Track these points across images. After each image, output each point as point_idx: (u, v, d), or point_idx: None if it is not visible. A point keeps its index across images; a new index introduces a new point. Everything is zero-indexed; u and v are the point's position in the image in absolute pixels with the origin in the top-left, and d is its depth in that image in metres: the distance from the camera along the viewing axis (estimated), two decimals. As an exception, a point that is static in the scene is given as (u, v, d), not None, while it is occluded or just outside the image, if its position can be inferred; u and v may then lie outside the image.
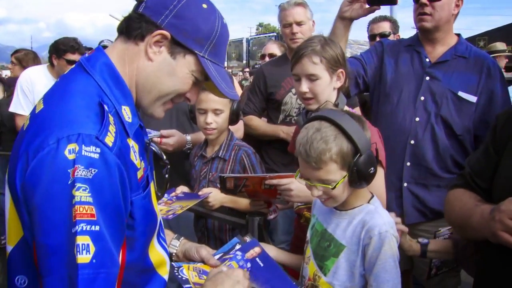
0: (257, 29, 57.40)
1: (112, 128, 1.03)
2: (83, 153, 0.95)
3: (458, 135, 2.26)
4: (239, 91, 4.13)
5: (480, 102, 2.25)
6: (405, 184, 2.33)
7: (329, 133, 1.38)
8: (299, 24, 2.98)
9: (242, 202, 2.17)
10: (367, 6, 2.12)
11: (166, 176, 1.33)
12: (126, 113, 1.14)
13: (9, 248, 1.06)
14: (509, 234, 1.19)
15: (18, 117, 3.71)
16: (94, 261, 0.93)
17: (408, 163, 2.31)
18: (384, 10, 3.83)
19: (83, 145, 0.96)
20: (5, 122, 4.03)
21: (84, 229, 0.93)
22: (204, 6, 1.17)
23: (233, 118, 2.33)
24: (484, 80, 2.26)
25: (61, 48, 3.72)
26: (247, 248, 1.60)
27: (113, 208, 0.99)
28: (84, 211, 0.93)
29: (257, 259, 1.57)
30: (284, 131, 2.90)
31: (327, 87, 1.85)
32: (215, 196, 2.17)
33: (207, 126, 2.26)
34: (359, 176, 1.39)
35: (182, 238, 1.65)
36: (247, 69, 9.33)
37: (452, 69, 2.30)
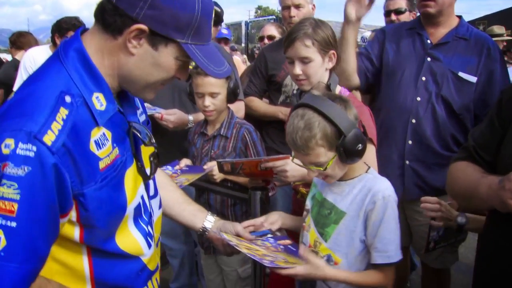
0: (256, 12, 56.93)
1: (56, 125, 0.99)
2: (17, 151, 0.94)
3: (458, 114, 2.30)
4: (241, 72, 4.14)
5: (480, 82, 2.28)
6: (407, 162, 2.38)
7: (312, 120, 1.42)
8: (297, 7, 2.97)
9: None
10: (367, 2, 2.23)
11: (151, 159, 1.28)
12: (99, 100, 1.10)
13: None
14: None
15: None
16: (2, 254, 0.94)
17: (410, 142, 2.36)
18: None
19: (20, 143, 0.95)
20: None
21: None
22: None
23: (231, 98, 2.35)
24: (484, 61, 2.29)
25: (64, 26, 3.77)
26: (279, 239, 1.71)
27: (45, 206, 0.98)
28: (4, 207, 0.94)
29: (289, 246, 1.66)
30: (282, 112, 2.93)
31: (319, 68, 1.90)
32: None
33: (205, 109, 2.30)
34: (347, 155, 1.43)
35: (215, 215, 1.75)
36: (256, 51, 9.20)
37: (453, 50, 2.33)
